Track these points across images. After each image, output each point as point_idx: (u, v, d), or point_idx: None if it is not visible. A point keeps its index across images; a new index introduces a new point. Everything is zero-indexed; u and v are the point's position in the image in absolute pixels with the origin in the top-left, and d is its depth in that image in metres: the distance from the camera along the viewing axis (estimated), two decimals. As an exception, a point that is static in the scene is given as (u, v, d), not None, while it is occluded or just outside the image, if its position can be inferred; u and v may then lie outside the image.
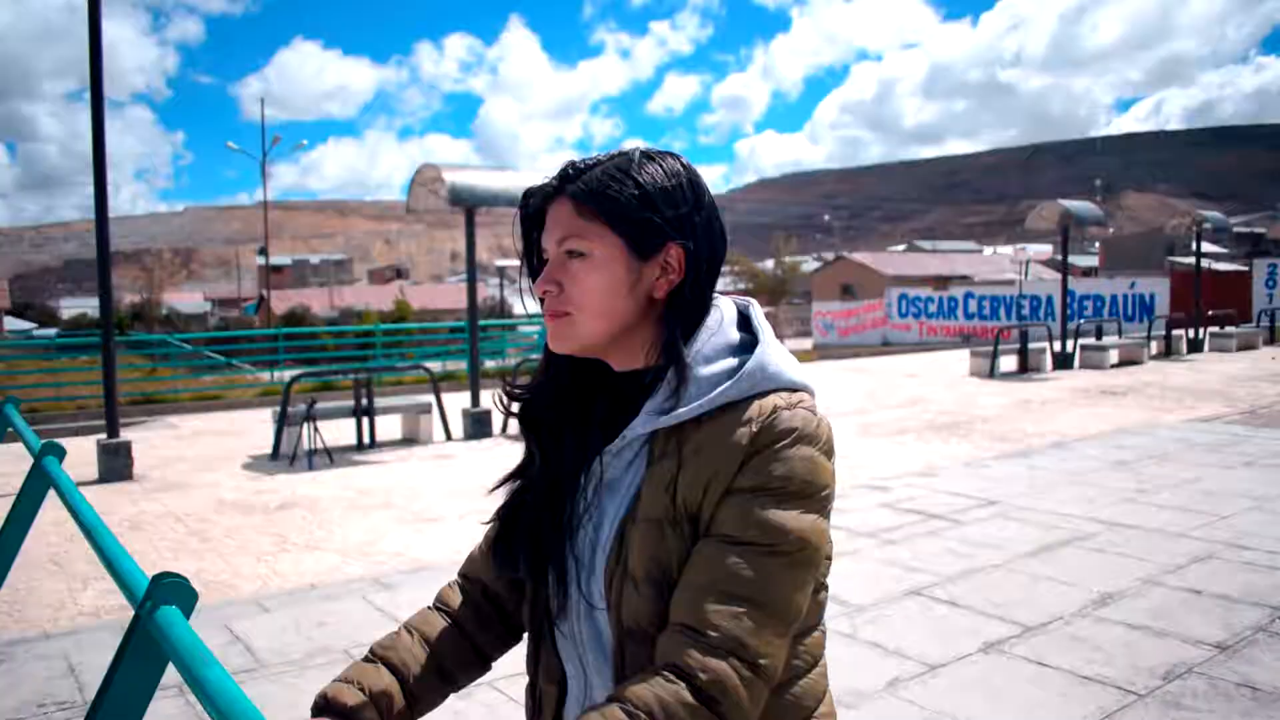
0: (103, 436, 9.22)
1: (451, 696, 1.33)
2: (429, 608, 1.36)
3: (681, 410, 1.14)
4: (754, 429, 1.11)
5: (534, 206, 1.23)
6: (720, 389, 1.13)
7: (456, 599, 1.36)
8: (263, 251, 54.81)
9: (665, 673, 1.03)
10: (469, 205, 11.00)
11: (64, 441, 3.97)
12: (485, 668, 1.35)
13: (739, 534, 1.08)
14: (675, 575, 1.11)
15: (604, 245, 1.15)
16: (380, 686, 1.21)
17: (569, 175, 1.19)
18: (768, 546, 1.07)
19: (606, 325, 1.17)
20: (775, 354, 1.17)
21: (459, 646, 1.31)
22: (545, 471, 1.25)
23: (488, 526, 1.34)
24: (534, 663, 1.30)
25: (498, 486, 1.31)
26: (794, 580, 1.09)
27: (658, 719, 0.99)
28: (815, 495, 1.11)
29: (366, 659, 1.26)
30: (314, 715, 1.18)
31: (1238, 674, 3.77)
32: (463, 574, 1.40)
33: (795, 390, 1.16)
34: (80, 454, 9.55)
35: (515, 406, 1.30)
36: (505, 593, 1.35)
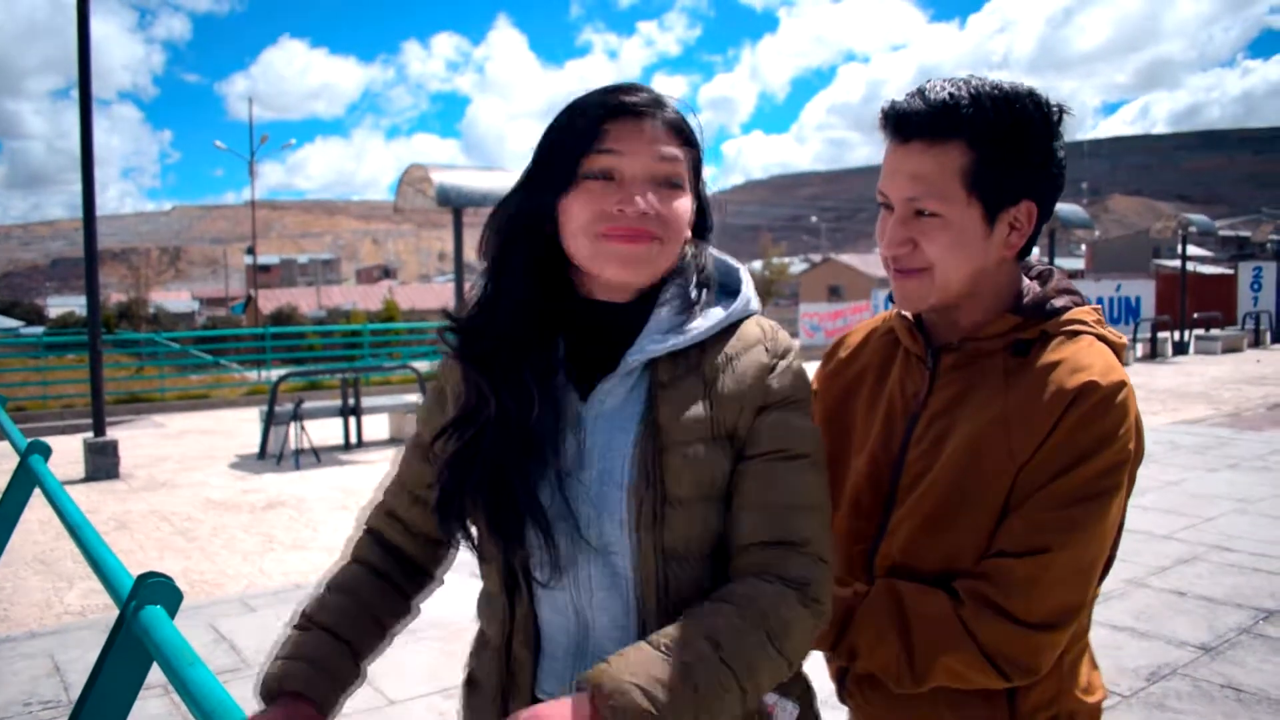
0: (89, 435, 9.18)
1: (437, 698, 1.33)
2: (350, 563, 1.35)
3: (703, 326, 1.17)
4: (767, 345, 1.19)
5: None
6: (733, 308, 1.20)
7: (373, 549, 1.36)
8: (250, 251, 54.62)
9: (778, 582, 1.09)
10: (457, 205, 11.00)
11: (50, 440, 3.95)
12: (411, 611, 1.36)
13: (790, 448, 1.15)
14: (723, 489, 1.15)
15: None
16: (324, 652, 1.21)
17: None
18: (809, 457, 1.16)
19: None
20: (750, 284, 1.28)
21: (388, 595, 1.32)
22: (513, 416, 1.15)
23: (403, 472, 1.34)
24: (506, 628, 1.21)
25: (441, 435, 1.21)
26: (827, 483, 1.20)
27: (772, 620, 1.05)
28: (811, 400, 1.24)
29: (301, 627, 1.25)
30: (268, 701, 1.16)
31: (1222, 675, 3.80)
32: (373, 526, 1.38)
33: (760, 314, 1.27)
34: (67, 453, 9.51)
35: (456, 340, 1.25)
36: (415, 547, 1.35)
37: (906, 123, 1.24)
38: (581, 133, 1.14)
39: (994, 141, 1.21)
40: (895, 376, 1.40)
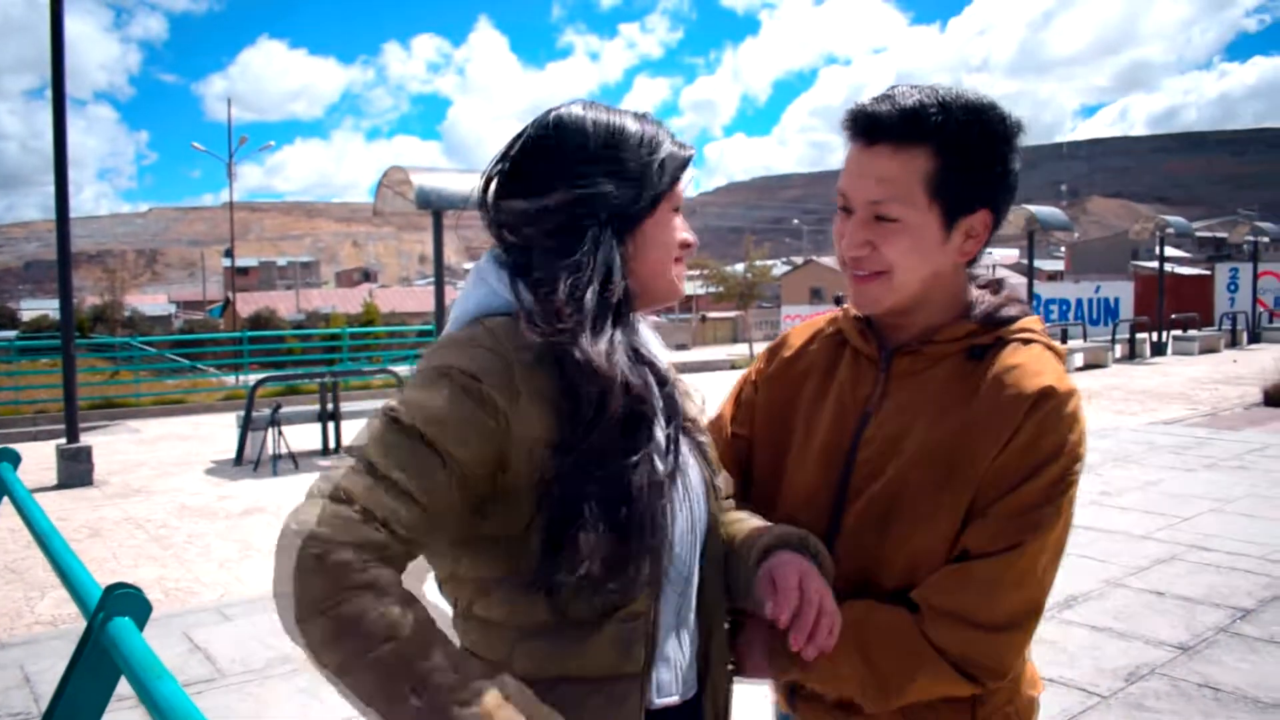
0: (62, 441, 9.08)
1: None
2: (418, 614, 1.01)
3: None
4: None
5: None
6: None
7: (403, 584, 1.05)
8: (228, 253, 54.25)
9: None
10: (437, 208, 10.94)
11: (23, 446, 3.90)
12: None
13: None
14: None
15: None
16: None
17: None
18: None
19: None
20: None
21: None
22: (659, 410, 1.17)
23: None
24: (648, 649, 1.16)
25: (567, 447, 1.09)
26: None
27: None
28: None
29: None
30: None
31: (1199, 675, 3.81)
32: (385, 555, 1.01)
33: None
34: (39, 459, 9.40)
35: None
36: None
37: (874, 126, 1.24)
38: (681, 166, 1.23)
39: (959, 150, 1.23)
40: (842, 376, 1.41)
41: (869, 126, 1.25)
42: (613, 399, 1.10)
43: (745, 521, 1.35)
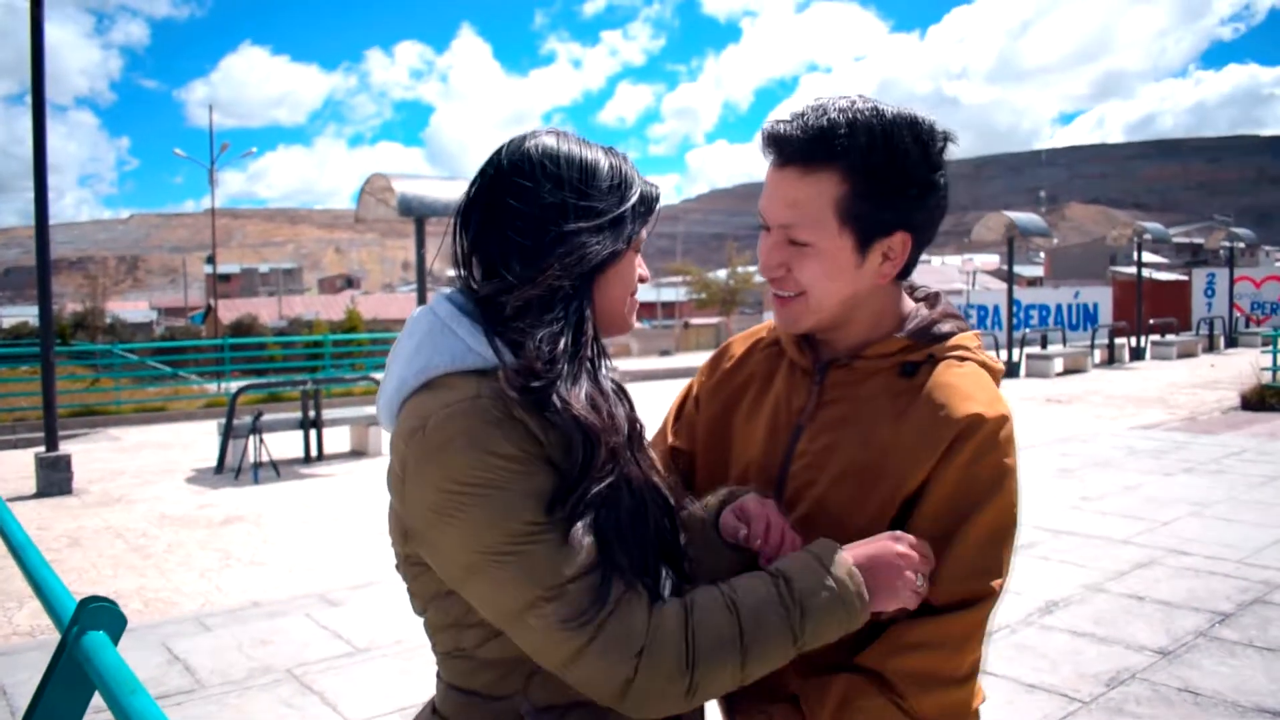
0: (41, 449, 8.99)
1: (395, 717, 1.27)
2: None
3: None
4: None
5: None
6: None
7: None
8: (210, 259, 53.94)
9: None
10: (419, 215, 10.92)
11: (1, 454, 3.86)
12: None
13: None
14: None
15: None
16: None
17: None
18: None
19: None
20: None
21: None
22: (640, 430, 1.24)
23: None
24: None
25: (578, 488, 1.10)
26: None
27: None
28: None
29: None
30: None
31: (1179, 679, 3.83)
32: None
33: None
34: (18, 467, 9.33)
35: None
36: None
37: (783, 147, 1.22)
38: (649, 210, 1.22)
39: (868, 172, 1.18)
40: (779, 388, 1.39)
41: (778, 147, 1.22)
42: (602, 446, 1.10)
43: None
